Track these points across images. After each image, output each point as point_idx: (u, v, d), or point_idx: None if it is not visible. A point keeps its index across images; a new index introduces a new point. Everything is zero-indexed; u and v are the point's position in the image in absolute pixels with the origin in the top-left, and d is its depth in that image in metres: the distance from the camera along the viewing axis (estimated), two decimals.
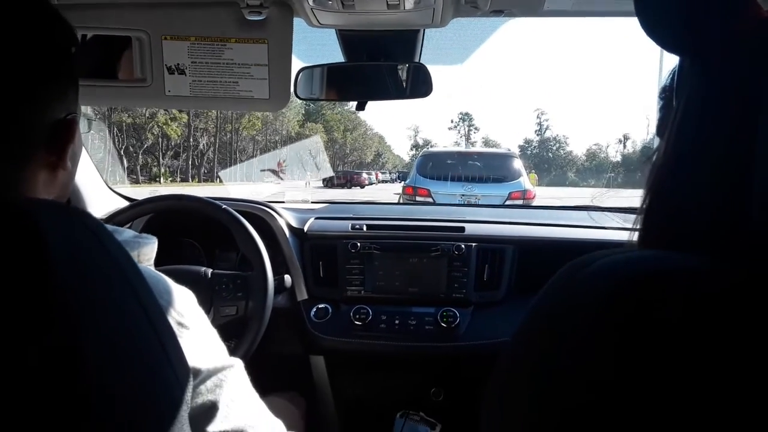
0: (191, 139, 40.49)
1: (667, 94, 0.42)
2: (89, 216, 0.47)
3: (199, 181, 40.48)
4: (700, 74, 0.36)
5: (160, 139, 38.11)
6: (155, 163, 39.06)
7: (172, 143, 40.30)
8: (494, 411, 0.36)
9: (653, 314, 0.28)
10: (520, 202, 6.95)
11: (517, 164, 7.59)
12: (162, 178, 37.10)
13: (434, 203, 6.50)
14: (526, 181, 7.44)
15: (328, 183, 31.59)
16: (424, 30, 1.18)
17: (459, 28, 1.19)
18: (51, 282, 0.40)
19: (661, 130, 0.42)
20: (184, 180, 39.97)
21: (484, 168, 7.61)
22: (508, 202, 6.83)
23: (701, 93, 0.36)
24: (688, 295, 0.29)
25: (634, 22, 0.39)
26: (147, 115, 35.02)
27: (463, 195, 7.17)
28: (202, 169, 42.92)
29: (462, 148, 10.44)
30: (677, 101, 0.38)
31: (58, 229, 0.43)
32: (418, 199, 7.16)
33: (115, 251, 0.47)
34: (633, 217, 0.41)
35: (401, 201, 7.54)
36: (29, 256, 0.40)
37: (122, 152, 33.81)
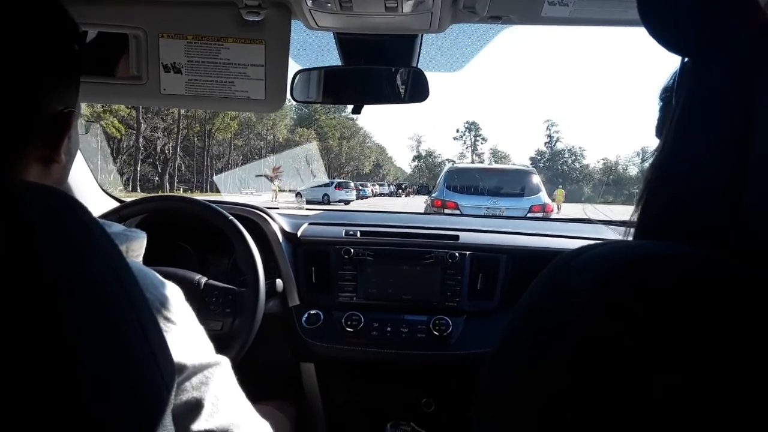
0: (140, 139, 33.71)
1: (667, 94, 0.42)
2: (78, 203, 0.46)
3: (162, 191, 33.17)
4: (701, 74, 0.36)
5: (98, 139, 29.79)
6: (99, 170, 30.85)
7: (124, 145, 33.01)
8: (482, 416, 0.35)
9: (649, 296, 0.28)
10: (540, 214, 7.25)
11: (536, 179, 7.94)
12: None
13: (461, 215, 6.52)
14: (544, 195, 7.80)
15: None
16: (422, 35, 1.18)
17: (458, 33, 1.18)
18: (36, 267, 0.39)
19: (659, 130, 0.42)
20: (133, 190, 31.41)
21: (506, 183, 7.92)
22: (529, 215, 7.08)
23: (700, 93, 0.36)
24: (682, 280, 0.28)
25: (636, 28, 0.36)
26: None
27: (488, 208, 7.40)
28: (165, 177, 36.47)
29: (485, 165, 11.02)
30: (676, 100, 0.39)
31: (45, 214, 0.42)
32: (447, 211, 7.34)
33: (103, 240, 0.47)
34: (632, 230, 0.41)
35: (428, 213, 7.61)
36: (14, 239, 0.39)
37: None
